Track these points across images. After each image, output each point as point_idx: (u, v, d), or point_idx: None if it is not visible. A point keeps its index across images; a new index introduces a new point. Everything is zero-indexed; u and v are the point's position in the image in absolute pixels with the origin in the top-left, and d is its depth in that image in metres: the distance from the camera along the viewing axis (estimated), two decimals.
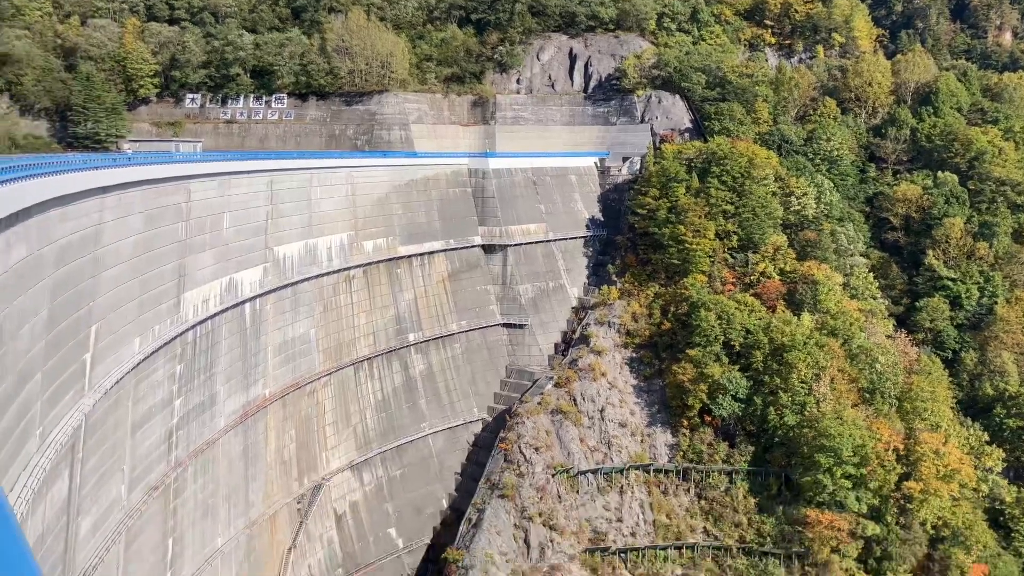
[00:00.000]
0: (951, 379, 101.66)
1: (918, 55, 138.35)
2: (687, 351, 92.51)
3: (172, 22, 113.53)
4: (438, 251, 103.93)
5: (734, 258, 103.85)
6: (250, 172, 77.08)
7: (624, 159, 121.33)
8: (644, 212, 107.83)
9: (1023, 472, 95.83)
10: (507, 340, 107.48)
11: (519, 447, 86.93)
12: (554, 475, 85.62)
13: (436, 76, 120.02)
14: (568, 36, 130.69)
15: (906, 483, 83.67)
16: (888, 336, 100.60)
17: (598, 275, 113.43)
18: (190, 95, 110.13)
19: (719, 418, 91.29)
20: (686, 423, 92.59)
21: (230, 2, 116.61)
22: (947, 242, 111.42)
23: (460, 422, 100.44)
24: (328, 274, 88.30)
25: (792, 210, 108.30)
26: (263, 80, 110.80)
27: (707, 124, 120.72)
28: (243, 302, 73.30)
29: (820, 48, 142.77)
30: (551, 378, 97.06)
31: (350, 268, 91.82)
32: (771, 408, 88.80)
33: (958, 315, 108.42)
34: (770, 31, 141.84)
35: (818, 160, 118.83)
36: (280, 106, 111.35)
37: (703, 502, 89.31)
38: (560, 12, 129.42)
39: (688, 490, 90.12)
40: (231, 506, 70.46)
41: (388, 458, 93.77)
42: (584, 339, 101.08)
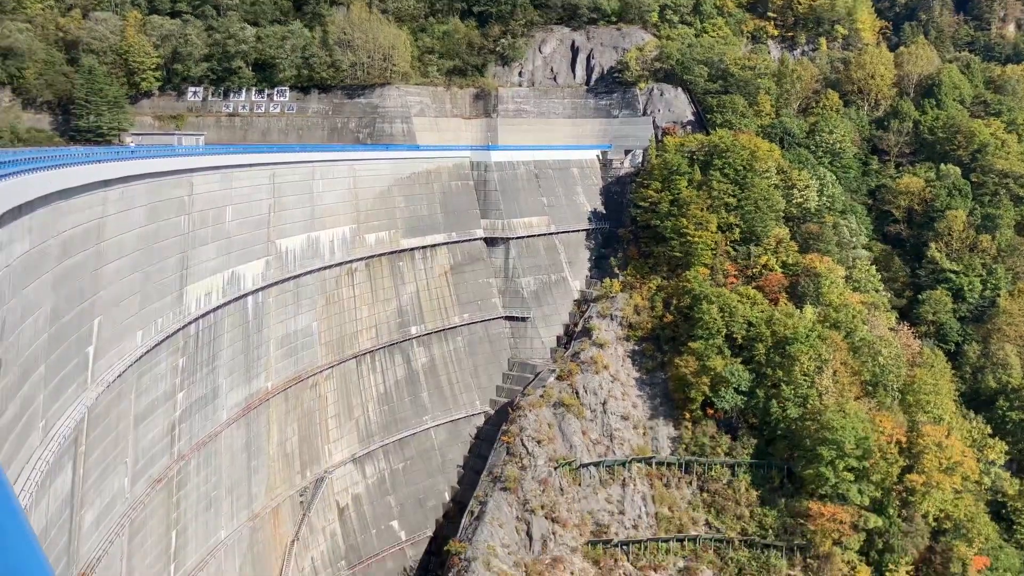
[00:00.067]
0: (953, 372, 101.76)
1: (921, 47, 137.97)
2: (689, 344, 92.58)
3: (174, 15, 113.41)
4: (440, 244, 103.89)
5: (736, 251, 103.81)
6: (252, 165, 77.11)
7: (626, 152, 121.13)
8: (646, 205, 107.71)
9: None
10: (509, 333, 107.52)
11: (521, 440, 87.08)
12: (556, 468, 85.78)
13: (438, 69, 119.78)
14: (570, 28, 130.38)
15: (908, 476, 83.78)
16: (891, 329, 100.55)
17: (600, 268, 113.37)
18: (192, 88, 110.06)
19: (721, 411, 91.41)
20: (688, 416, 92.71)
21: None
22: (950, 235, 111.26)
23: (462, 415, 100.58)
24: (330, 267, 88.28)
25: (794, 203, 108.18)
26: (265, 73, 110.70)
27: (709, 117, 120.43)
28: (245, 295, 73.40)
29: (823, 40, 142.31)
30: (553, 371, 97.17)
31: (352, 261, 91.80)
32: (773, 401, 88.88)
33: (961, 308, 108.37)
34: (773, 23, 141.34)
35: (820, 153, 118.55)
36: (282, 99, 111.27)
37: (705, 495, 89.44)
38: (562, 4, 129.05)
39: (690, 483, 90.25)
40: (234, 499, 70.67)
41: (390, 451, 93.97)
42: (586, 332, 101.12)
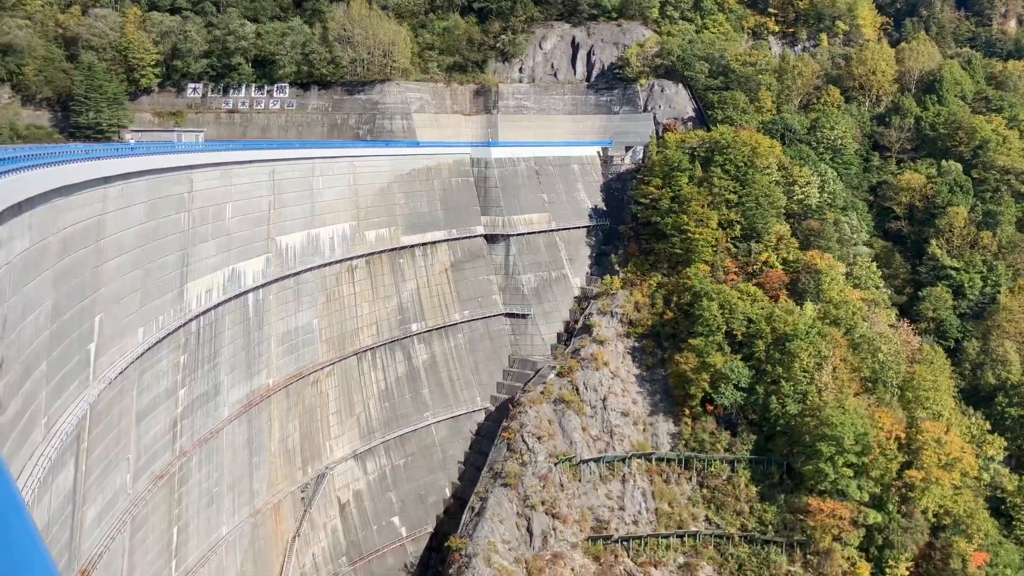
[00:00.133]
0: (953, 368, 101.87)
1: (922, 43, 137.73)
2: (689, 340, 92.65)
3: (173, 11, 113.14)
4: (441, 241, 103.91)
5: (737, 247, 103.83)
6: (252, 162, 77.03)
7: (627, 148, 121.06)
8: (647, 201, 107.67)
9: None
10: (510, 330, 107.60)
11: (522, 436, 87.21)
12: (556, 464, 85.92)
13: (438, 65, 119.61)
14: (571, 25, 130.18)
15: (908, 472, 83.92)
16: (891, 325, 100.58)
17: (601, 265, 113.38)
18: (192, 85, 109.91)
19: (721, 407, 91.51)
20: (688, 412, 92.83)
21: None
22: (950, 231, 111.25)
23: (463, 411, 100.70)
24: (330, 264, 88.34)
25: (795, 199, 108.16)
26: (265, 69, 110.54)
27: (710, 113, 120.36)
28: (246, 292, 73.44)
29: (824, 36, 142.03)
30: (554, 367, 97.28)
31: (352, 258, 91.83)
32: (773, 397, 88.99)
33: (961, 304, 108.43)
34: (773, 19, 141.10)
35: (822, 149, 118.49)
36: (282, 96, 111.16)
37: (705, 490, 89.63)
38: (562, 0, 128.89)
39: (690, 478, 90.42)
40: (235, 495, 70.82)
41: (391, 447, 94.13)
42: (587, 329, 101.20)
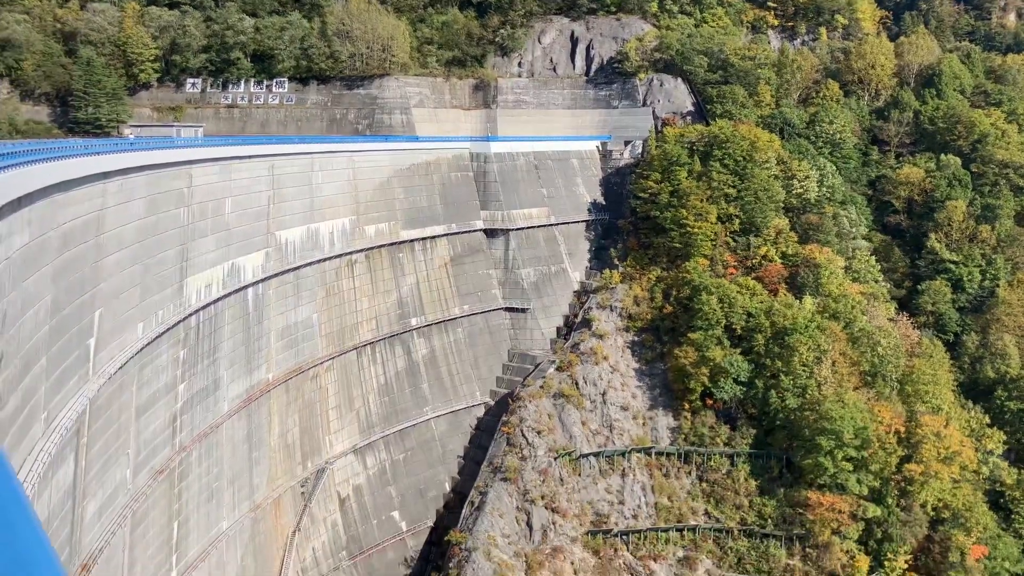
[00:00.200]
0: (952, 362, 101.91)
1: (921, 37, 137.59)
2: (689, 335, 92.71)
3: (172, 6, 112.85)
4: (440, 235, 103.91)
5: (736, 242, 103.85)
6: (251, 157, 76.97)
7: (626, 143, 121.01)
8: (646, 196, 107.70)
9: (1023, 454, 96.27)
10: (509, 324, 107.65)
11: (521, 430, 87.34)
12: (556, 458, 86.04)
13: (437, 60, 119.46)
14: (570, 19, 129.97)
15: (907, 465, 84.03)
16: (890, 319, 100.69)
17: (600, 259, 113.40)
18: (191, 80, 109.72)
19: (720, 401, 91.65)
20: (688, 406, 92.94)
21: None
22: (949, 225, 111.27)
23: (463, 406, 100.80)
24: (330, 259, 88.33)
25: (794, 193, 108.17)
26: (264, 64, 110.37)
27: (709, 107, 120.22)
28: (245, 287, 73.44)
29: (823, 30, 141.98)
30: (553, 362, 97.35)
31: (352, 253, 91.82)
32: (772, 391, 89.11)
33: (960, 298, 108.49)
34: (773, 13, 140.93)
35: (820, 143, 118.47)
36: (281, 90, 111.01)
37: (704, 484, 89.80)
38: None
39: (689, 473, 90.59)
40: (235, 490, 70.94)
41: (391, 442, 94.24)
42: (586, 323, 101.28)
